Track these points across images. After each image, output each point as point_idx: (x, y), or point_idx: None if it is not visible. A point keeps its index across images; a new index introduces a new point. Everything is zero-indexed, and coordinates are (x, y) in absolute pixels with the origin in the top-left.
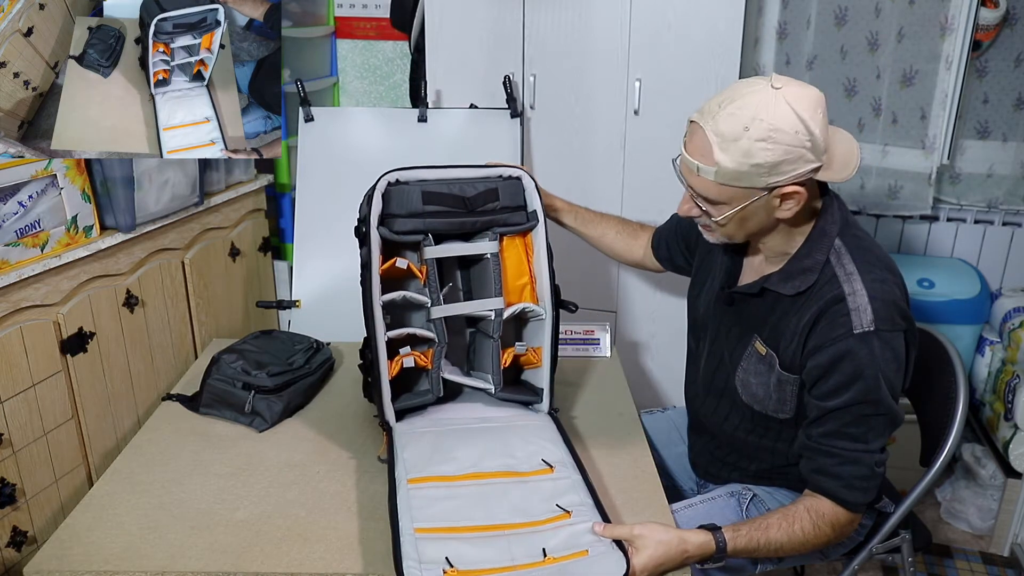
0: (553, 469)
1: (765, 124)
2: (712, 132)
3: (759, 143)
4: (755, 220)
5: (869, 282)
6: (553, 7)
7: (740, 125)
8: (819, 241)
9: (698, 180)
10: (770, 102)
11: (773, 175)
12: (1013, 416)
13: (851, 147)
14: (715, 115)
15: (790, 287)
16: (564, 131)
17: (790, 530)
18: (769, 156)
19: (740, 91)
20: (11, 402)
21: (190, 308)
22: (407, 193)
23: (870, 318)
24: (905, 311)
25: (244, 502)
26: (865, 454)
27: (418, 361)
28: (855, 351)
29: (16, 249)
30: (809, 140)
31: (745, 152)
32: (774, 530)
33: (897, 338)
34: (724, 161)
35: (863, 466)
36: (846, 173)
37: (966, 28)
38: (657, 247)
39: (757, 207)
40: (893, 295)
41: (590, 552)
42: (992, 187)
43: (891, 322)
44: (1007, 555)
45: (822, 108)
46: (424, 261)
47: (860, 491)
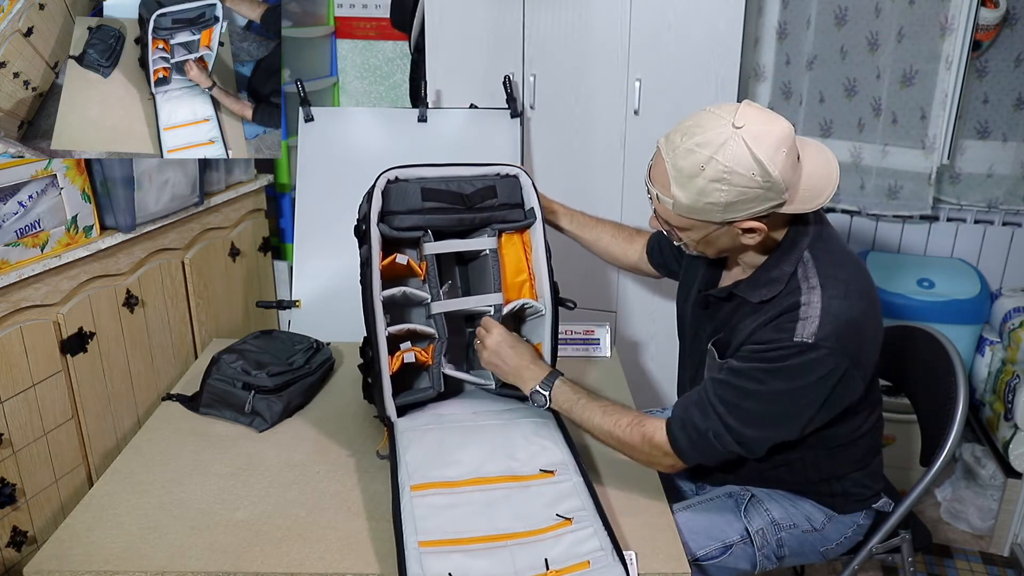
0: (554, 473)
1: (720, 166)
2: (671, 166)
3: (713, 183)
4: (720, 243)
5: (828, 297)
6: (553, 7)
7: (697, 164)
8: (788, 253)
9: (659, 206)
10: (728, 142)
11: (729, 212)
12: (1013, 416)
13: (827, 176)
14: (676, 148)
15: (756, 295)
16: (564, 131)
17: (605, 422)
18: (723, 197)
19: (705, 126)
20: (11, 402)
21: (190, 308)
22: (407, 190)
23: (813, 331)
24: (861, 334)
25: (244, 502)
26: (717, 416)
27: (419, 357)
28: (786, 350)
29: (16, 249)
30: (767, 181)
31: (700, 191)
32: (597, 413)
33: (831, 362)
34: (680, 196)
35: (707, 421)
36: (813, 205)
37: (966, 28)
38: (651, 252)
39: (719, 235)
40: (850, 314)
41: (591, 564)
42: (992, 187)
43: (835, 341)
44: (1007, 555)
45: (787, 146)
46: (424, 257)
47: (687, 437)
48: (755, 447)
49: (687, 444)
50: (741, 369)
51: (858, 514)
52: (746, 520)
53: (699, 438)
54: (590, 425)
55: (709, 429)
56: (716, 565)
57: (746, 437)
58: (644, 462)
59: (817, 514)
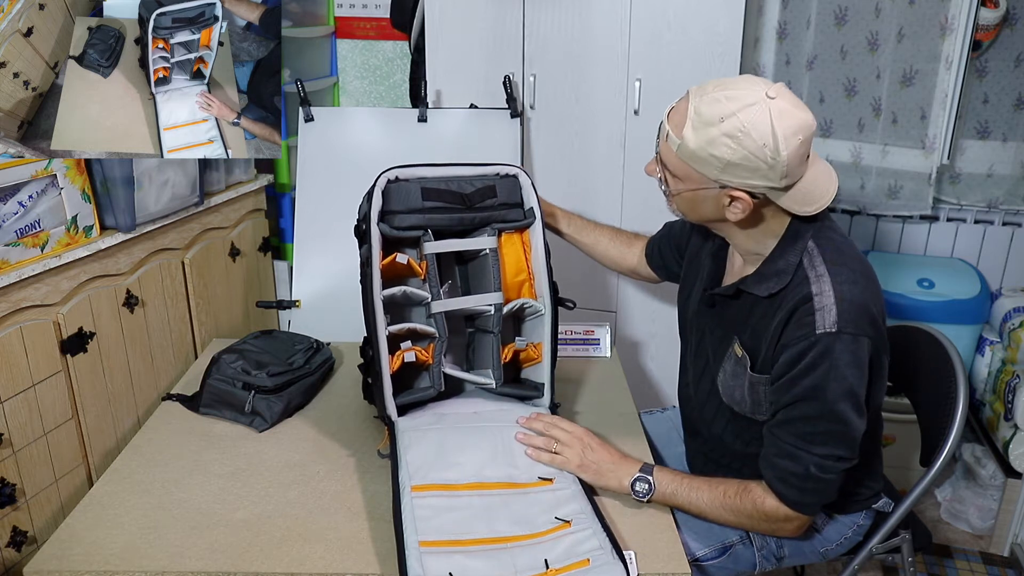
0: (553, 481)
1: (738, 123)
2: (693, 109)
3: (725, 137)
4: (704, 208)
5: (838, 284)
6: (553, 7)
7: (718, 114)
8: (792, 243)
9: (665, 145)
10: (756, 106)
11: (726, 173)
12: (1013, 416)
13: (826, 185)
14: (705, 94)
15: (764, 288)
16: (564, 131)
17: (715, 496)
18: (728, 154)
19: (740, 84)
20: (11, 402)
21: (190, 308)
22: (407, 189)
23: (834, 319)
24: (874, 317)
25: (244, 502)
26: (805, 453)
27: (419, 356)
28: (814, 351)
29: (16, 249)
30: (773, 159)
31: (710, 140)
32: (704, 493)
33: (861, 344)
34: (689, 139)
35: (799, 464)
36: (805, 208)
37: (966, 28)
38: (650, 255)
39: (707, 196)
40: (862, 298)
41: (591, 561)
42: (992, 187)
43: (855, 325)
44: (1007, 555)
45: (804, 136)
46: (424, 257)
47: (794, 488)
48: (851, 455)
49: (798, 495)
50: (791, 401)
51: (858, 514)
52: None
53: (806, 480)
54: (700, 509)
55: (808, 466)
56: (716, 565)
57: (841, 452)
58: (769, 530)
59: (817, 514)
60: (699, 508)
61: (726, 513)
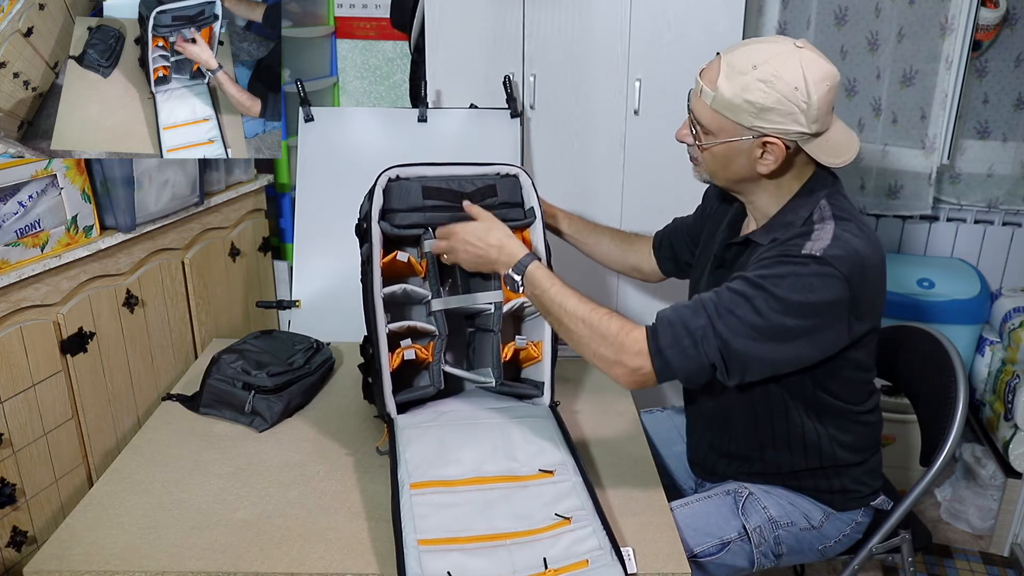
0: (554, 473)
1: (771, 69)
2: (726, 61)
3: (759, 83)
4: (736, 164)
5: (841, 229)
6: (553, 7)
7: (750, 62)
8: (805, 199)
9: (698, 103)
10: (786, 54)
11: (760, 119)
12: (1013, 416)
13: (849, 142)
14: (735, 49)
15: (769, 237)
16: (564, 131)
17: (582, 306)
18: (763, 98)
19: (766, 39)
20: (11, 402)
21: (190, 308)
22: (407, 188)
23: (822, 246)
24: (864, 269)
25: (244, 502)
26: (707, 318)
27: (419, 354)
28: (787, 261)
29: (16, 249)
30: (805, 102)
31: (744, 87)
32: (573, 298)
33: (833, 286)
34: (723, 88)
35: (696, 320)
36: (833, 159)
37: (966, 28)
38: (659, 247)
39: (740, 149)
40: (860, 247)
41: (590, 562)
42: (992, 187)
43: (840, 262)
44: (1007, 555)
45: (831, 84)
46: (424, 256)
47: (669, 335)
48: (736, 364)
49: (667, 342)
50: (742, 277)
51: (856, 512)
52: (744, 518)
53: (683, 336)
54: (562, 308)
55: (697, 329)
56: (714, 562)
57: (731, 347)
58: (608, 361)
59: (815, 511)
60: (561, 308)
61: (583, 326)
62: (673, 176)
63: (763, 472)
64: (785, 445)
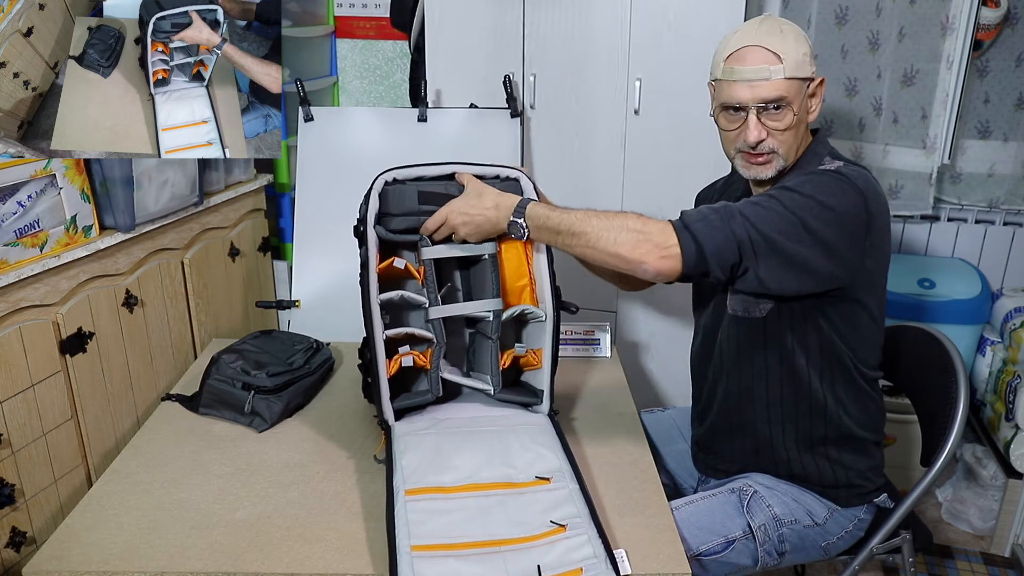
0: (550, 480)
1: (792, 25)
2: (765, 41)
3: (798, 34)
4: (805, 122)
5: (848, 167)
6: (553, 7)
7: (778, 28)
8: (810, 161)
9: (768, 85)
10: (781, 20)
11: (812, 64)
12: (1014, 416)
13: None
14: (756, 35)
15: None
16: (564, 131)
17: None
18: (807, 46)
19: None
20: (10, 402)
21: (190, 308)
22: (403, 192)
23: (837, 166)
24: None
25: (244, 502)
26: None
27: (417, 361)
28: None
29: (15, 249)
30: (811, 47)
31: (795, 39)
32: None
33: (851, 193)
34: (787, 53)
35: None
36: None
37: (967, 28)
38: None
39: (802, 108)
40: (867, 176)
41: (584, 571)
42: (993, 187)
43: (855, 176)
44: (1008, 556)
45: None
46: (422, 262)
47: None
48: (761, 245)
49: (693, 218)
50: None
51: (859, 508)
52: (748, 515)
53: (710, 213)
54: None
55: (723, 208)
56: (717, 561)
57: (757, 227)
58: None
59: (819, 508)
60: (569, 224)
61: (596, 222)
62: (673, 176)
63: (771, 460)
64: (793, 410)
